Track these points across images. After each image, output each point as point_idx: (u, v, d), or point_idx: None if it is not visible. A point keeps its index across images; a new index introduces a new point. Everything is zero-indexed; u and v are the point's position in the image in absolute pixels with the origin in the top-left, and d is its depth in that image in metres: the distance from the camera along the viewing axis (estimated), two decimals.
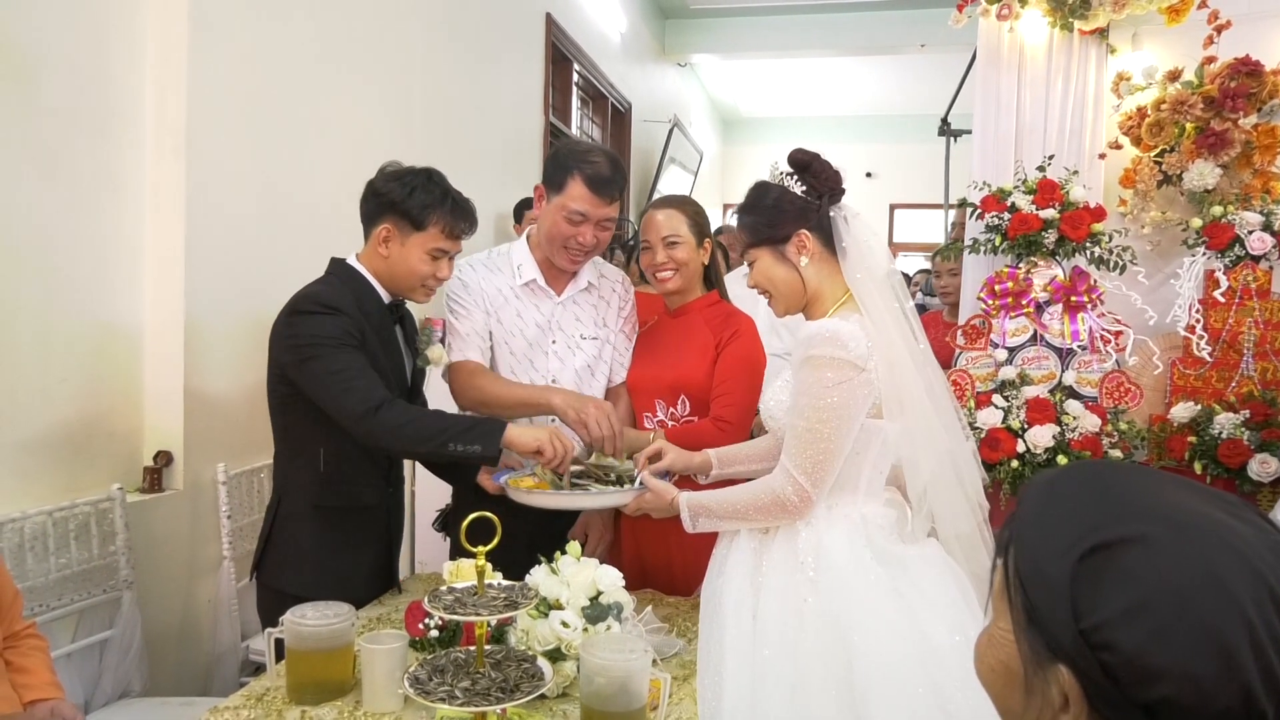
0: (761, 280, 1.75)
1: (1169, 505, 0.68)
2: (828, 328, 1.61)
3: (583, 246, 2.12)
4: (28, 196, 2.12)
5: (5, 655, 1.62)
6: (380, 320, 1.99)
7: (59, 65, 2.18)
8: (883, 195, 10.17)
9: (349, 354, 1.86)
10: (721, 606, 1.64)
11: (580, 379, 2.25)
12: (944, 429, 1.67)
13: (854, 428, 1.61)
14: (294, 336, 1.88)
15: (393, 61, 3.49)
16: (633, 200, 7.08)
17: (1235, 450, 2.72)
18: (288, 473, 2.02)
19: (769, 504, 1.63)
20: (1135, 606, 0.63)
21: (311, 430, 1.94)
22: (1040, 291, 3.05)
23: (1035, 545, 0.71)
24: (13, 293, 2.09)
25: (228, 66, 2.59)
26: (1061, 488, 0.74)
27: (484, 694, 1.32)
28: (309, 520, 1.97)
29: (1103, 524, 0.67)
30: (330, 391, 1.84)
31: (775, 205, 1.71)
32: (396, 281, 2.00)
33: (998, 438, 2.85)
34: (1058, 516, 0.71)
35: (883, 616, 1.51)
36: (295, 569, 1.96)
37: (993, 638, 0.76)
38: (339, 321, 1.87)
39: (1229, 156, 3.02)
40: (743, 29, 7.73)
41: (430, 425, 1.87)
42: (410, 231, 1.94)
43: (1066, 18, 3.23)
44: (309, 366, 1.86)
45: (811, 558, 1.60)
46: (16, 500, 2.09)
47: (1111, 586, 0.65)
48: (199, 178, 2.49)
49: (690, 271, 2.25)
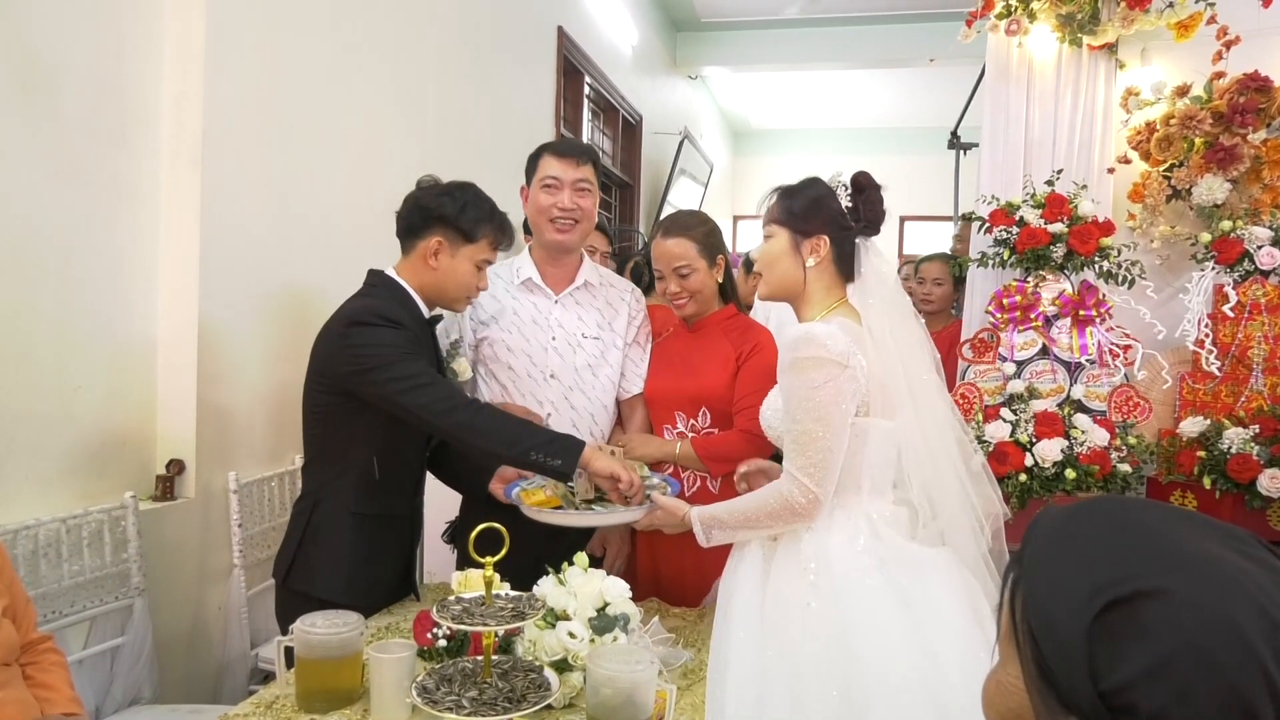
0: (765, 256, 1.79)
1: (1184, 552, 0.66)
2: (805, 331, 1.66)
3: (565, 211, 2.23)
4: (45, 205, 2.15)
5: (25, 669, 1.63)
6: (420, 333, 2.03)
7: (77, 76, 2.22)
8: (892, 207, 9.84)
9: (418, 362, 1.92)
10: (730, 611, 1.66)
11: (580, 377, 2.28)
12: (945, 451, 1.70)
13: (845, 423, 1.64)
14: (355, 348, 1.91)
15: (407, 74, 3.52)
16: (643, 211, 7.10)
17: (1245, 465, 2.71)
18: (324, 480, 2.04)
19: (778, 509, 1.65)
20: (1156, 667, 0.61)
21: (354, 440, 1.98)
22: (1048, 305, 3.04)
23: (1047, 596, 0.68)
24: (30, 301, 2.12)
25: (244, 77, 2.62)
26: (1072, 530, 0.71)
27: (491, 704, 1.33)
28: (345, 528, 2.00)
29: (1118, 577, 0.65)
30: (409, 394, 1.87)
31: (816, 201, 1.76)
32: (445, 292, 2.05)
33: (1006, 451, 2.85)
34: (1070, 566, 0.68)
35: (885, 626, 1.51)
36: (328, 575, 1.99)
37: (1001, 684, 0.74)
38: (401, 334, 1.92)
39: (1238, 171, 3.02)
40: (753, 42, 7.76)
41: (517, 430, 1.92)
42: (461, 244, 2.02)
43: (1075, 33, 3.24)
44: (376, 375, 1.89)
45: (814, 562, 1.62)
46: (32, 507, 2.11)
47: (1131, 645, 0.62)
48: (214, 188, 2.51)
49: (705, 295, 2.28)
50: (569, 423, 2.26)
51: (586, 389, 2.28)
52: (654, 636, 1.77)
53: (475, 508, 2.11)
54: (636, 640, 1.68)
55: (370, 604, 1.76)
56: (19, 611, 1.64)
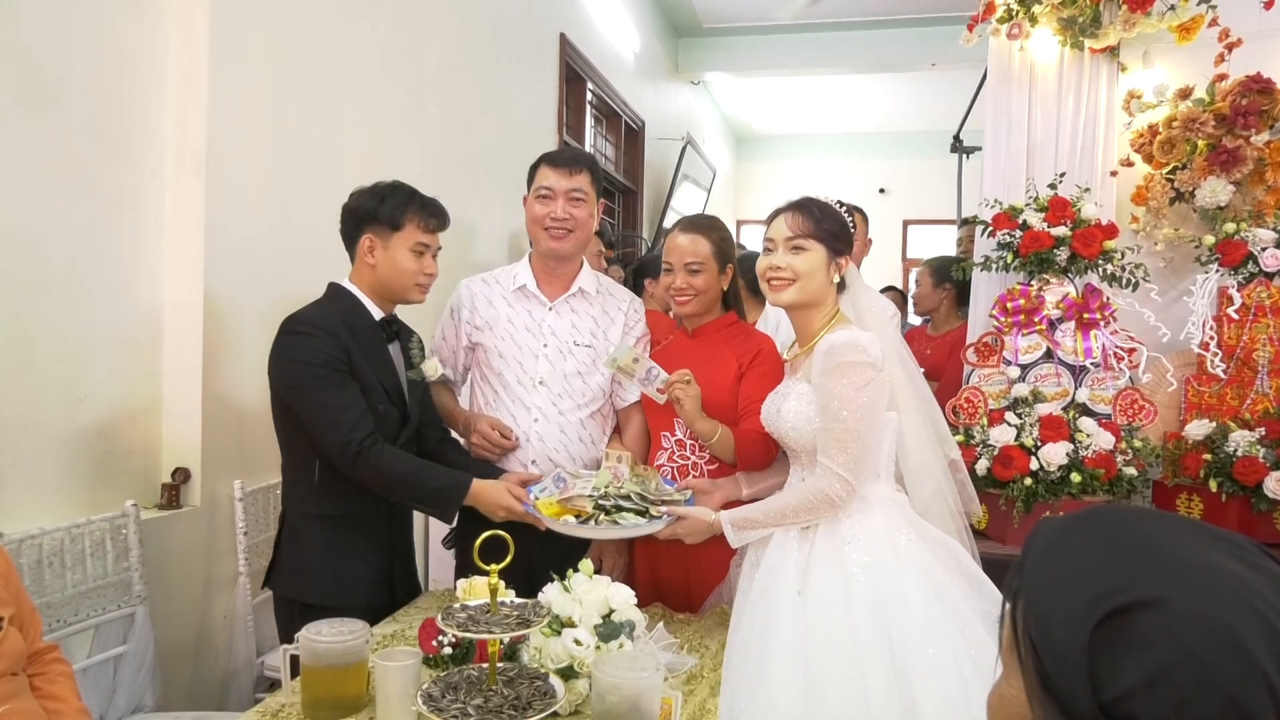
0: (804, 265, 1.93)
1: (1182, 561, 0.65)
2: (847, 338, 1.84)
3: (558, 221, 2.25)
4: (50, 215, 2.16)
5: (33, 680, 1.63)
6: (370, 337, 2.10)
7: (81, 87, 2.23)
8: (895, 211, 10.17)
9: (335, 384, 1.98)
10: (769, 590, 1.79)
11: (569, 384, 2.29)
12: (928, 441, 1.98)
13: (882, 421, 1.86)
14: (282, 359, 2.02)
15: (409, 81, 3.53)
16: (646, 217, 7.10)
17: (1251, 468, 2.70)
18: (289, 485, 2.14)
19: (818, 502, 1.81)
20: (1156, 676, 0.61)
21: (306, 442, 2.04)
22: (1052, 309, 3.04)
23: (1046, 608, 0.68)
24: (35, 311, 2.13)
25: (247, 88, 2.63)
26: (1070, 541, 0.71)
27: (496, 711, 1.33)
28: (313, 529, 2.08)
29: (1117, 586, 0.65)
30: (317, 425, 1.98)
31: (845, 228, 1.99)
32: (390, 286, 2.11)
33: (1010, 455, 2.84)
34: (1068, 576, 0.68)
35: (928, 597, 1.69)
36: (303, 576, 2.07)
37: (1004, 696, 0.74)
38: (321, 343, 1.99)
39: (1241, 174, 3.01)
40: (755, 47, 7.77)
41: (400, 478, 2.01)
42: (389, 234, 2.08)
43: (1077, 36, 3.24)
44: (296, 395, 2.01)
45: (860, 543, 1.78)
46: (38, 517, 2.12)
47: (1129, 656, 0.62)
48: (218, 198, 2.52)
49: (709, 298, 2.27)
50: (557, 429, 2.27)
51: (576, 395, 2.29)
52: (659, 643, 1.77)
53: (475, 513, 2.11)
54: (642, 647, 1.68)
55: (351, 605, 1.78)
56: (25, 621, 1.64)
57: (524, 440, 2.27)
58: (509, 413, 2.28)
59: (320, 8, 2.97)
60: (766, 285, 1.99)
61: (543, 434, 2.26)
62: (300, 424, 2.02)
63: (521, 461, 2.27)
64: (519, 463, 2.26)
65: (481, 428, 2.24)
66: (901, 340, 2.03)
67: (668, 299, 2.35)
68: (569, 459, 2.27)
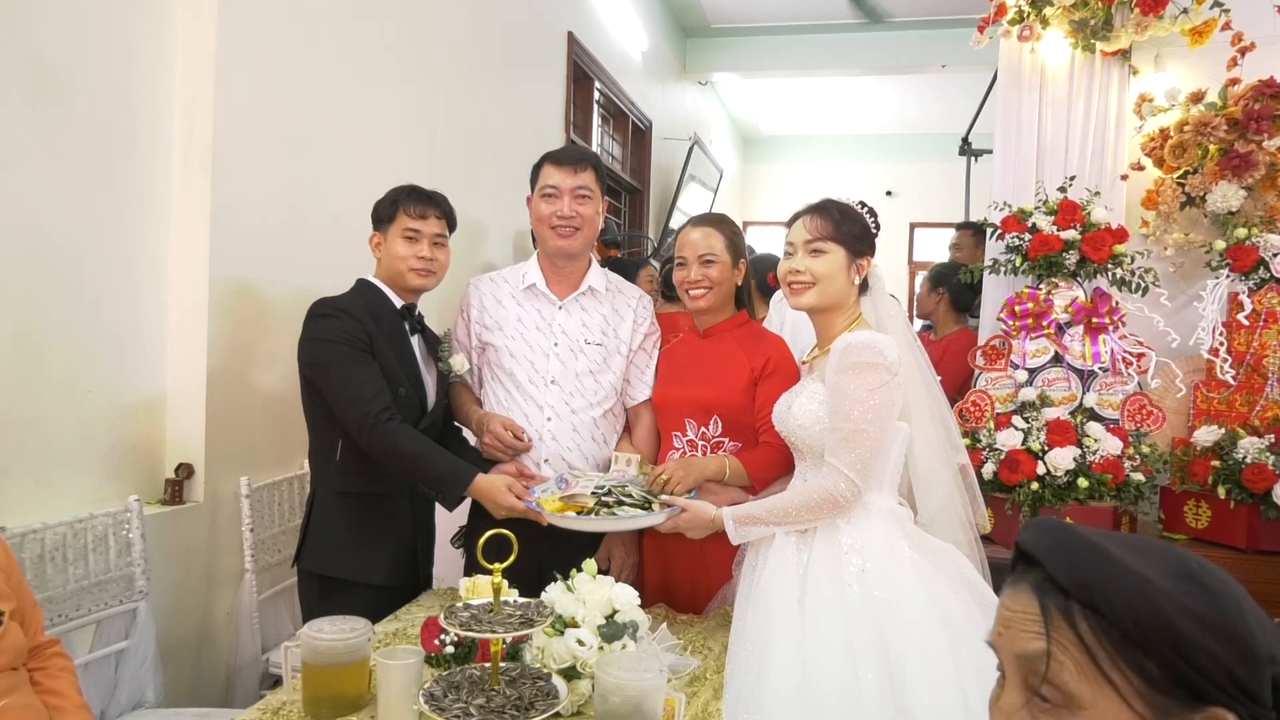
0: (823, 268, 1.92)
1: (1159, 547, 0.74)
2: (864, 339, 1.82)
3: (564, 219, 2.26)
4: (56, 211, 2.15)
5: (33, 675, 1.63)
6: (393, 324, 2.23)
7: (88, 83, 2.22)
8: (903, 214, 10.15)
9: (356, 360, 2.09)
10: (768, 598, 1.77)
11: (581, 383, 2.29)
12: (939, 451, 1.95)
13: (892, 426, 1.82)
14: (308, 339, 2.15)
15: (417, 79, 3.53)
16: (652, 216, 7.09)
17: (1260, 475, 2.68)
18: (317, 464, 2.24)
19: (822, 502, 1.79)
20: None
21: (331, 421, 2.13)
22: (1061, 313, 3.02)
23: (1142, 601, 0.68)
24: (41, 306, 2.12)
25: (254, 84, 2.62)
26: (1096, 539, 0.73)
27: (499, 711, 1.32)
28: (336, 506, 2.18)
29: (1181, 558, 0.71)
30: (338, 399, 2.08)
31: (866, 229, 1.97)
32: (395, 273, 2.24)
33: (1018, 459, 2.82)
34: (1144, 565, 0.70)
35: (924, 606, 1.67)
36: (326, 552, 2.16)
37: None
38: (345, 324, 2.11)
39: (1253, 179, 3.00)
40: (763, 48, 7.76)
41: (408, 458, 2.06)
42: (387, 227, 2.24)
43: (1088, 39, 3.22)
44: (320, 372, 2.12)
45: (858, 551, 1.76)
46: (41, 511, 2.11)
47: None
48: (224, 194, 2.52)
49: (723, 291, 2.25)
50: (570, 428, 2.26)
51: (588, 394, 2.28)
52: (662, 644, 1.76)
53: (484, 513, 2.10)
54: (645, 647, 1.67)
55: (373, 582, 2.05)
56: (26, 615, 1.64)
57: (537, 440, 2.25)
58: (522, 412, 2.26)
59: (327, 5, 2.96)
60: (787, 289, 1.98)
61: (556, 433, 2.25)
62: (325, 404, 2.11)
63: (535, 461, 2.25)
64: (532, 462, 2.24)
65: (494, 428, 2.22)
66: (918, 343, 2.01)
67: (650, 290, 2.34)
68: (582, 458, 2.25)
